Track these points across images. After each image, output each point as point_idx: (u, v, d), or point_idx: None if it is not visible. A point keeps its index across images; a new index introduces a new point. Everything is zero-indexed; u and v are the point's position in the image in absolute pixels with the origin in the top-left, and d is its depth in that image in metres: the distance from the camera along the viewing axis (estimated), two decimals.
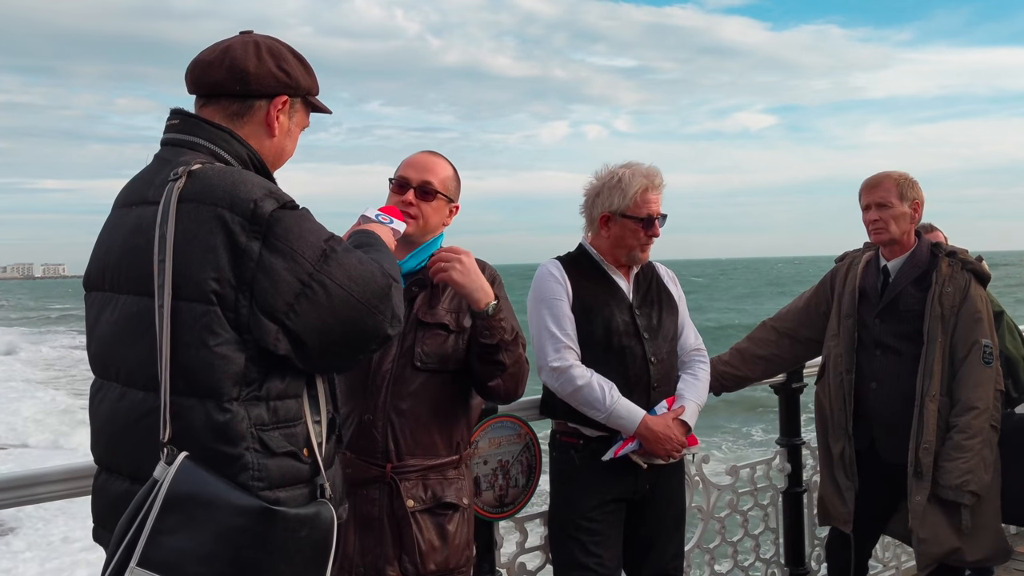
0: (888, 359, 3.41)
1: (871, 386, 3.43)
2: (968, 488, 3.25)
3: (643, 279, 3.16)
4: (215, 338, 1.66)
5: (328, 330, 1.72)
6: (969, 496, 3.26)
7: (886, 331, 3.41)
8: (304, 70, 1.96)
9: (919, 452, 3.29)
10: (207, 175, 1.72)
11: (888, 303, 3.42)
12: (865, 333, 3.46)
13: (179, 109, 1.91)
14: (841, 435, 3.47)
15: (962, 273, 3.39)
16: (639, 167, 3.06)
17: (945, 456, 3.27)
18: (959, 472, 3.25)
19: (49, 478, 2.35)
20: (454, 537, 2.46)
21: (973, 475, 3.25)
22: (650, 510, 3.10)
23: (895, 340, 3.40)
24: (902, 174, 3.42)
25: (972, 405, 3.27)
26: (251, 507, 1.62)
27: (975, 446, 3.25)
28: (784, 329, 3.70)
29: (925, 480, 3.28)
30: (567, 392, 2.95)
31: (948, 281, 3.36)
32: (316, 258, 1.71)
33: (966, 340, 3.32)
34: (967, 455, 3.25)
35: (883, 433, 3.41)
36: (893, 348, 3.40)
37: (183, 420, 1.66)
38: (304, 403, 1.80)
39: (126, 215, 1.82)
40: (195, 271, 1.66)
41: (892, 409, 3.37)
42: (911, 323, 3.37)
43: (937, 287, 3.35)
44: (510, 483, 3.14)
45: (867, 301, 3.48)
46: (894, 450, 3.36)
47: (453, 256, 2.38)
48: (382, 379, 2.41)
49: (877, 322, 3.43)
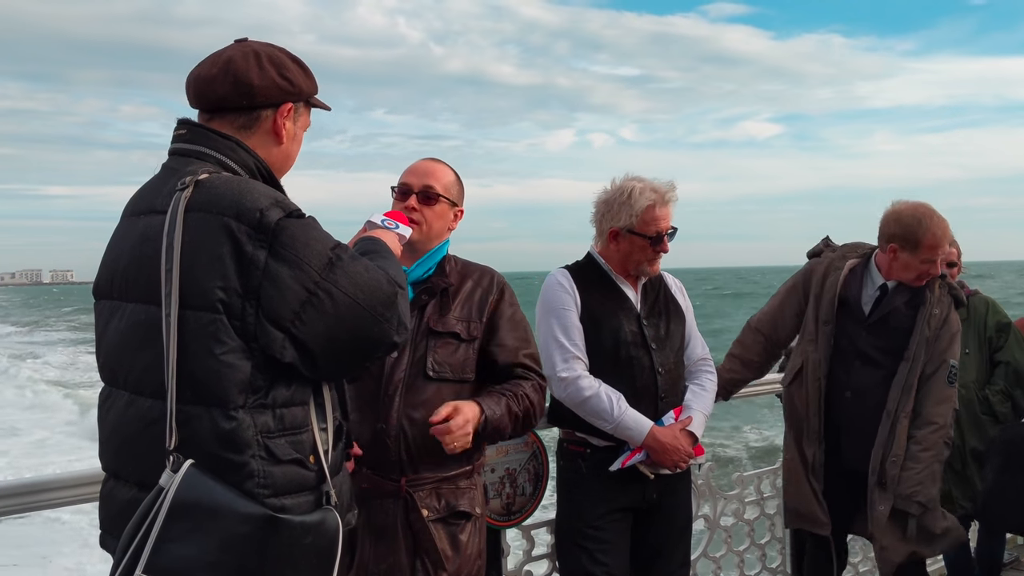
0: (867, 371, 3.44)
1: (846, 395, 3.46)
2: (916, 499, 3.34)
3: (651, 289, 3.16)
4: (221, 346, 1.67)
5: (334, 338, 1.73)
6: (916, 506, 3.35)
7: (871, 344, 3.44)
8: (304, 74, 1.97)
9: (886, 463, 3.35)
10: (214, 184, 1.74)
11: (880, 318, 3.45)
12: (846, 342, 3.47)
13: (186, 119, 1.92)
14: (815, 440, 3.50)
15: (947, 297, 3.48)
16: (649, 182, 3.05)
17: (902, 466, 3.35)
18: (911, 482, 3.33)
19: (57, 485, 2.36)
20: (466, 546, 2.47)
21: (922, 487, 3.34)
22: (657, 519, 3.10)
23: (878, 353, 3.44)
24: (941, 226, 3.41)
25: (932, 420, 3.36)
26: (256, 515, 1.63)
27: (927, 459, 3.35)
28: (766, 331, 3.71)
29: (888, 491, 3.35)
30: (575, 402, 2.95)
31: (936, 303, 3.44)
32: (322, 266, 1.72)
33: (937, 359, 3.40)
34: (919, 467, 3.34)
35: (851, 441, 3.45)
36: (874, 361, 3.44)
37: (189, 428, 1.66)
38: (310, 410, 1.80)
39: (134, 224, 1.84)
40: (202, 280, 1.67)
41: (864, 419, 3.41)
42: (897, 339, 3.42)
43: (928, 308, 3.41)
44: (517, 491, 3.15)
45: (849, 311, 3.49)
46: (859, 458, 3.41)
47: (458, 435, 2.32)
48: (394, 389, 2.41)
49: (864, 334, 3.45)
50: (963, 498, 4.26)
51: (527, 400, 2.49)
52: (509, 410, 2.43)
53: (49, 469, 13.02)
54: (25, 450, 17.07)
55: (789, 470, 3.63)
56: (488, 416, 2.37)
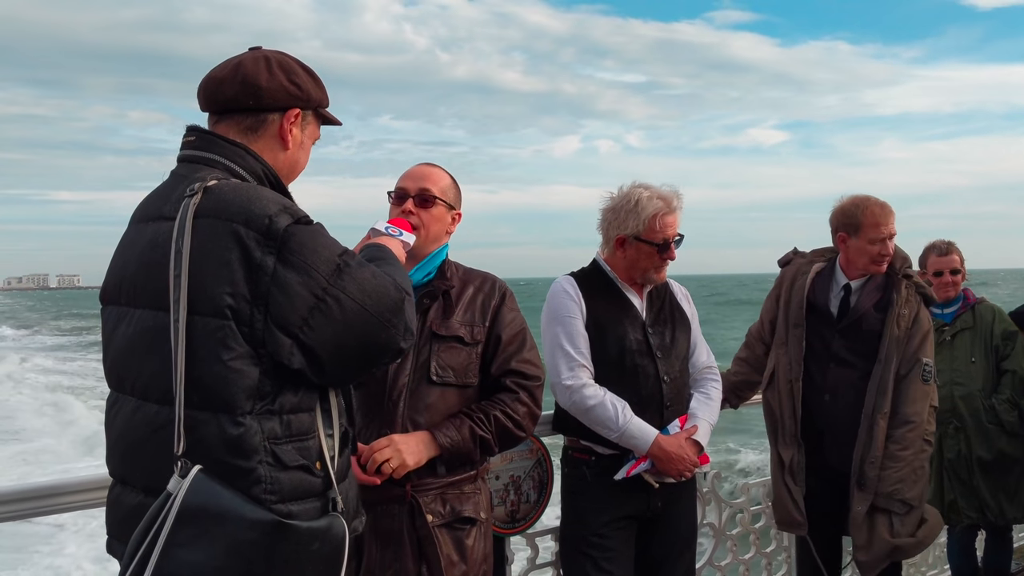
0: (843, 372, 3.48)
1: (824, 397, 3.49)
2: (898, 497, 3.36)
3: (656, 297, 3.16)
4: (229, 352, 1.67)
5: (342, 344, 1.74)
6: (899, 505, 3.37)
7: (844, 347, 3.48)
8: (314, 83, 1.98)
9: (865, 464, 3.38)
10: (222, 191, 1.74)
11: (851, 322, 3.49)
12: (819, 345, 3.51)
13: (195, 126, 1.93)
14: (791, 442, 3.52)
15: (915, 296, 3.51)
16: (656, 189, 3.05)
17: (882, 465, 3.37)
18: (891, 480, 3.36)
19: (65, 490, 2.37)
20: (472, 552, 2.47)
21: (903, 484, 3.36)
22: (662, 527, 3.09)
23: (851, 356, 3.48)
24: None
25: (909, 419, 3.39)
26: (263, 520, 1.63)
27: (907, 457, 3.37)
28: (762, 336, 3.75)
29: (868, 492, 3.38)
30: (580, 411, 2.95)
31: (904, 304, 3.47)
32: (330, 272, 1.73)
33: (910, 358, 3.43)
34: (899, 464, 3.36)
35: (832, 442, 3.48)
36: (848, 363, 3.48)
37: (197, 433, 1.67)
38: (317, 417, 1.81)
39: (143, 230, 1.84)
40: (210, 286, 1.68)
41: (843, 420, 3.44)
42: (869, 342, 3.46)
43: (896, 309, 3.45)
44: (521, 498, 3.14)
45: (818, 313, 3.54)
46: (842, 459, 3.44)
47: (386, 456, 2.33)
48: (398, 393, 2.42)
49: (836, 337, 3.49)
50: (969, 508, 4.25)
51: (498, 422, 2.47)
52: (472, 433, 2.43)
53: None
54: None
55: (771, 473, 3.69)
56: (440, 443, 2.39)
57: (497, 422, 2.47)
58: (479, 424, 2.45)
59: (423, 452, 2.37)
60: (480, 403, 2.50)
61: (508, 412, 2.49)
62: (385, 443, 2.34)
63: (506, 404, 2.50)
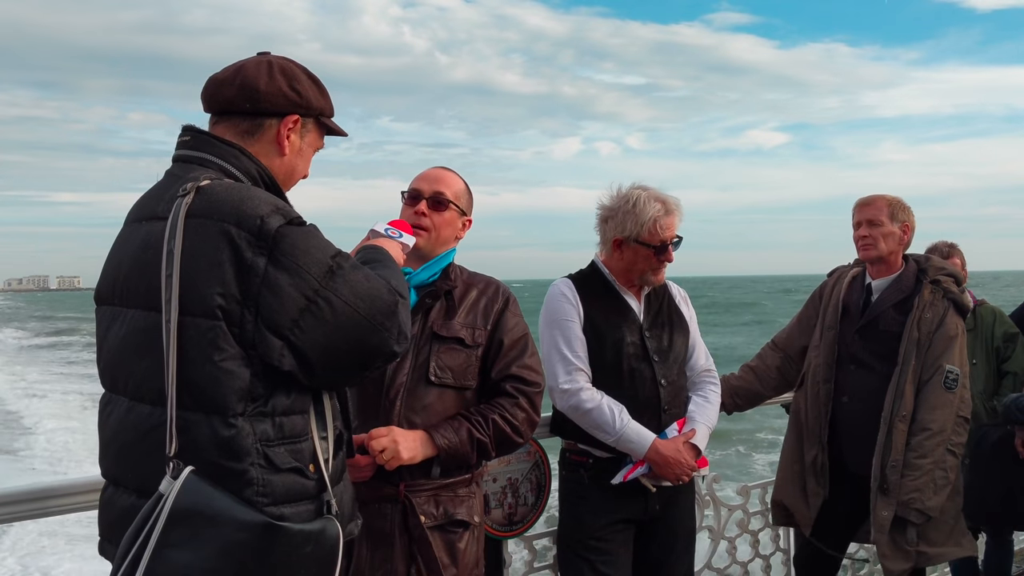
0: (861, 375, 3.47)
1: (843, 399, 3.49)
2: (914, 506, 3.32)
3: (655, 299, 3.15)
4: (220, 353, 1.67)
5: (333, 347, 1.73)
6: (915, 514, 3.33)
7: (863, 348, 3.48)
8: (318, 91, 1.97)
9: (886, 469, 3.36)
10: (215, 191, 1.74)
11: (868, 322, 3.49)
12: (843, 348, 3.52)
13: (190, 126, 1.93)
14: (815, 443, 3.52)
15: (942, 301, 3.46)
16: (654, 190, 3.04)
17: (902, 473, 3.35)
18: (908, 489, 3.33)
19: (57, 492, 2.35)
20: (463, 555, 2.45)
21: (921, 494, 3.32)
22: (660, 531, 3.08)
23: (870, 357, 3.47)
24: (895, 197, 3.53)
25: (926, 427, 3.35)
26: (255, 522, 1.62)
27: (925, 466, 3.33)
28: (783, 345, 3.77)
29: (891, 496, 3.35)
30: (577, 415, 2.94)
31: (928, 307, 3.43)
32: (322, 274, 1.72)
33: (932, 364, 3.39)
34: (916, 474, 3.33)
35: (851, 445, 3.47)
36: (867, 365, 3.47)
37: (189, 435, 1.66)
38: (310, 419, 1.80)
39: (136, 230, 1.84)
40: (201, 286, 1.67)
41: (861, 423, 3.43)
42: (888, 343, 3.44)
43: (917, 312, 3.42)
44: (519, 501, 3.13)
45: (849, 316, 3.55)
46: (860, 463, 3.42)
47: (382, 446, 2.32)
48: (396, 393, 2.41)
49: (856, 338, 3.50)
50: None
51: (497, 427, 2.46)
52: (470, 436, 2.42)
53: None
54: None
55: (782, 467, 3.68)
56: (438, 444, 2.37)
57: (495, 426, 2.45)
58: (477, 427, 2.43)
59: (419, 449, 2.36)
60: (479, 406, 2.49)
61: (507, 417, 2.47)
62: (384, 432, 2.33)
63: (505, 409, 2.48)
